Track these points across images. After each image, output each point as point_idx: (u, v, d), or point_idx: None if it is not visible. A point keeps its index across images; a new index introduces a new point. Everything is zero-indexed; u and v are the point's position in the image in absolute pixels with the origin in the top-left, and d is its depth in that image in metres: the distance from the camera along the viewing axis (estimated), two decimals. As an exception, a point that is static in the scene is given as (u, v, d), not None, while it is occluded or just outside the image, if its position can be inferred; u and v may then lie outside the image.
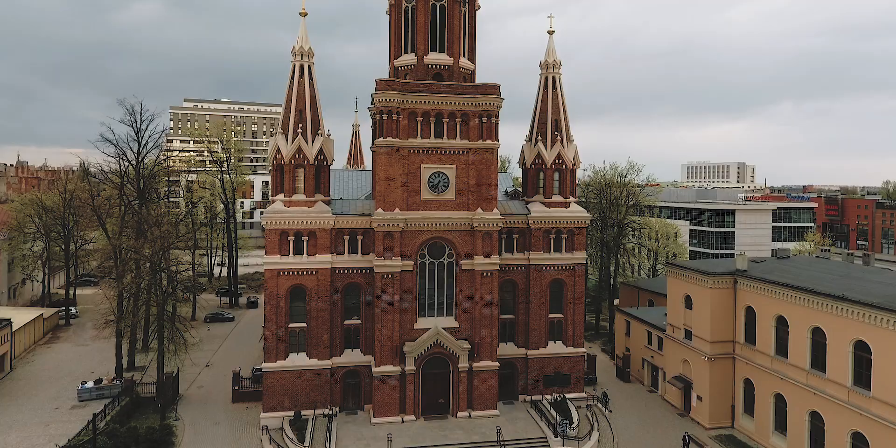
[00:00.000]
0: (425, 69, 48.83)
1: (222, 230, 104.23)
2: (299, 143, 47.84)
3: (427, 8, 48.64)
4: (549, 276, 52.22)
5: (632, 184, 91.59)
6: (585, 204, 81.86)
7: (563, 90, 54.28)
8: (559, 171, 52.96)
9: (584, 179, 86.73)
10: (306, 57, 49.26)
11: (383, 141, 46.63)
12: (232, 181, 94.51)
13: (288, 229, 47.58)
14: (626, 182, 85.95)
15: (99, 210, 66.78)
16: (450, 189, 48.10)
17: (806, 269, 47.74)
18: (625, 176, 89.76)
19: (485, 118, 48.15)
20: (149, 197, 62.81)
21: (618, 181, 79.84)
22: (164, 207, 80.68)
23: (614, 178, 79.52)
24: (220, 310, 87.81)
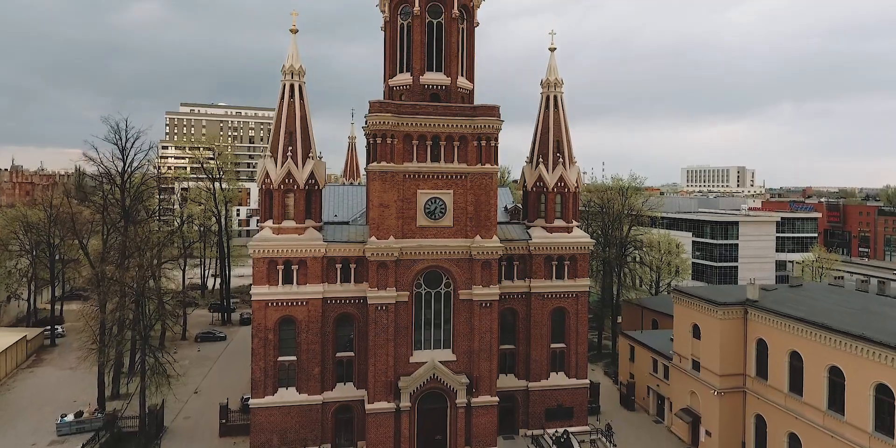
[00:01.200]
0: (421, 89, 46.59)
1: (215, 243, 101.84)
2: (289, 168, 45.61)
3: (423, 26, 46.41)
4: (550, 304, 50.02)
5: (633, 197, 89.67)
6: (586, 213, 79.82)
7: (566, 109, 52.14)
8: (561, 194, 50.78)
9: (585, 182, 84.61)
10: (297, 76, 47.08)
11: (377, 166, 44.38)
12: (224, 194, 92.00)
13: (277, 258, 45.36)
14: (627, 195, 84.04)
15: (80, 233, 64.38)
16: (447, 215, 45.84)
17: (820, 301, 45.53)
18: (626, 189, 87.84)
19: (483, 141, 45.91)
20: (134, 217, 60.30)
21: (620, 198, 77.59)
22: (155, 222, 78.52)
23: (616, 195, 77.20)
24: (211, 328, 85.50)
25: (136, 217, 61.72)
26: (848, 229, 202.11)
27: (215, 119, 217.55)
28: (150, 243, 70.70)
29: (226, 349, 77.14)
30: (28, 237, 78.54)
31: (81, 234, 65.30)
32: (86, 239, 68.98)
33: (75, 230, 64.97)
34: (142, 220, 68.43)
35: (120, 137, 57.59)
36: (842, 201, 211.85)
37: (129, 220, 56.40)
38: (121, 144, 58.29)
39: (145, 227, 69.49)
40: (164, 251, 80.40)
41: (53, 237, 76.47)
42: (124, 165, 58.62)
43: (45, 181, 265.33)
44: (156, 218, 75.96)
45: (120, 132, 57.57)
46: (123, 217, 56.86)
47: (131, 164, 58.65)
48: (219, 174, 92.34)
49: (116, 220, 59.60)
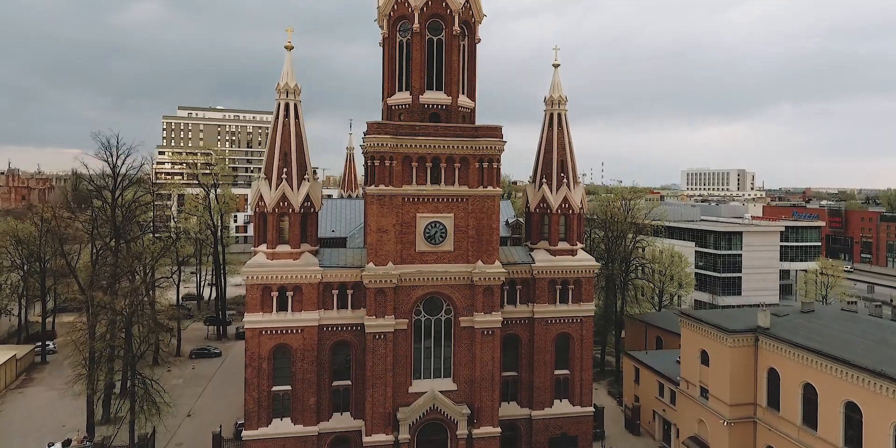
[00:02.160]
0: (421, 109, 44.99)
1: (211, 252, 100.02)
2: (283, 191, 44.00)
3: (423, 43, 44.81)
4: (554, 329, 48.41)
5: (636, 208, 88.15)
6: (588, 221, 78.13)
7: (570, 127, 50.56)
8: (565, 215, 49.16)
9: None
10: (292, 94, 45.48)
11: (375, 189, 42.78)
12: (220, 206, 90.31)
13: (271, 284, 43.73)
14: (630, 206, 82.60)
15: (70, 257, 62.67)
16: (447, 240, 44.23)
17: (835, 329, 43.91)
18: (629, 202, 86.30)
19: (486, 163, 44.33)
20: (126, 236, 58.61)
21: (622, 211, 76.01)
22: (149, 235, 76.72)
23: (618, 209, 75.61)
24: (206, 344, 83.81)
25: (127, 235, 59.99)
26: (850, 235, 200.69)
27: (213, 124, 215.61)
28: (143, 260, 69.31)
29: (221, 366, 75.50)
30: (19, 251, 76.85)
31: (71, 256, 63.51)
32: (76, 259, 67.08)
33: (64, 253, 63.05)
34: (134, 236, 66.90)
35: (111, 154, 55.95)
36: (843, 207, 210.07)
37: (119, 239, 54.58)
38: (111, 161, 56.64)
39: (138, 243, 68.04)
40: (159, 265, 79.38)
41: (45, 252, 74.77)
42: (115, 182, 56.92)
43: (41, 185, 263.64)
44: (150, 232, 73.96)
45: (111, 148, 55.94)
46: (114, 236, 55.10)
47: (122, 180, 56.95)
48: (214, 185, 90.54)
49: (107, 238, 57.89)
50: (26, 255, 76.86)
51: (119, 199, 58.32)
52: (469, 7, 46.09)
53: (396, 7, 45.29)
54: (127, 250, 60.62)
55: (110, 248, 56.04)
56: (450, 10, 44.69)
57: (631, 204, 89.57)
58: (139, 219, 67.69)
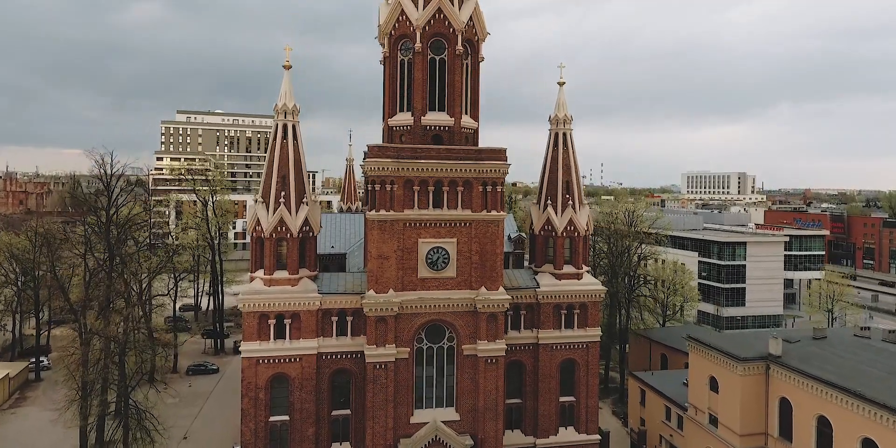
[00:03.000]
0: (423, 130, 43.72)
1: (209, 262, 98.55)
2: (281, 215, 42.74)
3: (425, 63, 43.54)
4: (559, 355, 47.14)
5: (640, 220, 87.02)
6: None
7: (575, 147, 49.34)
8: (570, 238, 47.91)
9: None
10: (290, 115, 44.24)
11: (376, 215, 41.52)
12: (218, 220, 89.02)
13: (268, 312, 42.48)
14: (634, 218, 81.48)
15: (61, 273, 61.27)
16: (450, 266, 42.99)
17: (848, 358, 42.66)
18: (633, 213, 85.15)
19: (489, 186, 43.09)
20: (120, 254, 57.30)
21: (626, 223, 74.77)
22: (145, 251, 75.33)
23: (623, 224, 74.35)
24: (203, 359, 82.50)
25: (122, 253, 58.68)
26: (852, 241, 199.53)
27: (211, 128, 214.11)
28: (139, 276, 67.98)
29: (218, 384, 74.21)
30: (13, 267, 75.55)
31: (64, 272, 62.19)
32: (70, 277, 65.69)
33: (56, 276, 61.73)
34: (130, 252, 65.63)
35: (105, 171, 54.69)
36: (846, 212, 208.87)
37: (113, 259, 53.23)
38: (105, 180, 55.37)
39: (134, 259, 66.76)
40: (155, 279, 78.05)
41: (38, 267, 73.44)
42: (109, 201, 55.63)
43: (39, 189, 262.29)
44: (145, 248, 72.58)
45: (105, 165, 54.71)
46: (109, 255, 53.75)
47: (115, 200, 55.67)
48: (212, 194, 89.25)
49: (101, 254, 56.51)
50: (21, 270, 75.57)
51: (114, 216, 57.00)
52: (472, 25, 44.86)
53: (398, 26, 44.06)
54: (122, 268, 59.36)
55: (104, 268, 54.64)
56: (453, 30, 43.44)
57: (634, 215, 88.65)
58: (135, 234, 66.37)
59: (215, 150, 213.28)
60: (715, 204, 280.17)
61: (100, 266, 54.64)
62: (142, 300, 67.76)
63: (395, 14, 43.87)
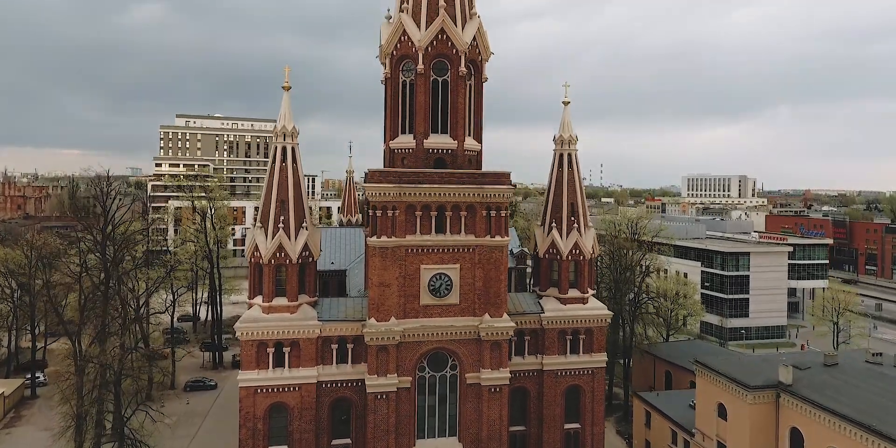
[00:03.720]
0: (425, 154, 42.71)
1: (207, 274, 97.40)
2: (280, 241, 41.75)
3: (427, 85, 42.55)
4: (564, 381, 46.13)
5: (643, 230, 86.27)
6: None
7: (580, 167, 48.37)
8: (576, 262, 46.92)
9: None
10: (290, 138, 43.26)
11: (377, 241, 40.53)
12: (217, 232, 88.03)
13: (267, 340, 41.53)
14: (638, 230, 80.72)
15: (56, 298, 60.20)
16: (453, 292, 42.01)
17: (862, 388, 41.61)
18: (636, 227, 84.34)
19: (493, 211, 42.11)
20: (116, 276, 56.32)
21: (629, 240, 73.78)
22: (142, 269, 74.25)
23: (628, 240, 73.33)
24: (201, 375, 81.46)
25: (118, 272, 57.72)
26: (854, 246, 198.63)
27: (210, 133, 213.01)
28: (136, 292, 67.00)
29: (216, 401, 73.17)
30: (8, 282, 74.52)
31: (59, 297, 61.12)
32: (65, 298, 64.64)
33: (50, 298, 60.65)
34: (128, 269, 64.70)
35: (102, 190, 53.74)
36: (847, 218, 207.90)
37: (109, 280, 52.21)
38: (101, 198, 54.42)
39: (131, 276, 65.82)
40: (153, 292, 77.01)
41: (34, 282, 72.36)
42: (105, 220, 54.65)
43: (37, 193, 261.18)
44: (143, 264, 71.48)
45: (101, 183, 53.76)
46: (104, 278, 52.73)
47: (111, 219, 54.68)
48: (211, 210, 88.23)
49: (97, 278, 55.52)
50: (17, 285, 74.55)
51: (111, 234, 56.04)
52: (476, 45, 43.88)
53: (399, 46, 43.08)
54: (119, 287, 58.44)
55: (100, 289, 53.64)
56: (456, 50, 42.45)
57: (637, 226, 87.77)
58: (133, 250, 65.39)
59: (214, 154, 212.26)
60: (716, 208, 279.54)
61: (95, 287, 53.61)
62: (139, 317, 66.85)
63: (396, 34, 42.90)
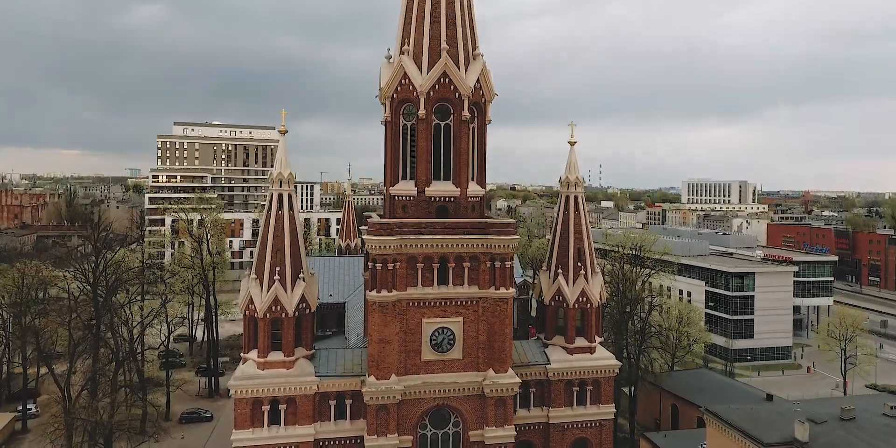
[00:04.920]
0: (427, 202, 41.07)
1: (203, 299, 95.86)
2: (276, 293, 40.09)
3: (429, 130, 40.92)
4: (571, 435, 44.44)
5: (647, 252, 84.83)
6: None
7: (586, 210, 46.74)
8: (583, 310, 45.28)
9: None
10: (286, 184, 41.61)
11: (377, 296, 38.85)
12: (213, 259, 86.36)
13: (262, 397, 39.79)
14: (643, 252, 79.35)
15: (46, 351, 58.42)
16: (456, 347, 40.38)
17: (881, 445, 40.08)
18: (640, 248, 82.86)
19: (498, 263, 40.45)
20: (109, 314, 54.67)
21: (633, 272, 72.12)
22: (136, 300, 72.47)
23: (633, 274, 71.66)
24: (197, 404, 79.77)
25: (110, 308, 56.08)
26: (857, 257, 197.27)
27: (208, 142, 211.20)
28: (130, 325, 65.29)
29: (212, 434, 71.45)
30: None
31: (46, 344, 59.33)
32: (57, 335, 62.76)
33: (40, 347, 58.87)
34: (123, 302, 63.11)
35: (94, 232, 52.08)
36: (850, 228, 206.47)
37: (100, 327, 50.55)
38: (92, 237, 52.75)
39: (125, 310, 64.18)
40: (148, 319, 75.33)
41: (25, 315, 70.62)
42: (97, 260, 52.98)
43: (34, 201, 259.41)
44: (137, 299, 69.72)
45: (94, 225, 52.06)
46: (95, 322, 51.02)
47: (104, 259, 53.03)
48: (206, 237, 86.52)
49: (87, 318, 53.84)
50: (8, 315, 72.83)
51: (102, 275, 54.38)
52: (479, 87, 42.23)
53: (400, 89, 41.42)
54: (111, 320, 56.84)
55: (91, 331, 51.95)
56: (459, 94, 40.81)
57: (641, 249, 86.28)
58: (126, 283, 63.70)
59: (212, 164, 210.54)
60: (717, 215, 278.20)
61: (87, 327, 51.96)
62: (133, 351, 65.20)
63: (397, 77, 41.24)
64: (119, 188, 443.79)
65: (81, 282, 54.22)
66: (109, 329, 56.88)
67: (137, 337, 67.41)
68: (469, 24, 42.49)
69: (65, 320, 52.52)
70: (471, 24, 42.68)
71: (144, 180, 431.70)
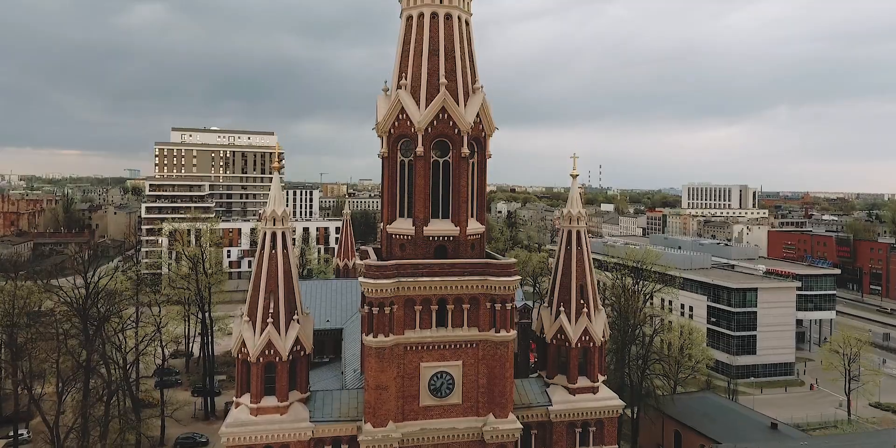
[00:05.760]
0: (425, 242, 39.87)
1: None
2: (269, 337, 38.85)
3: (427, 168, 39.72)
4: (573, 478, 43.32)
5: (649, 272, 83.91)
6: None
7: (589, 246, 45.56)
8: (585, 348, 44.08)
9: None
10: (280, 222, 40.37)
11: (374, 341, 37.65)
12: (209, 280, 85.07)
13: (255, 444, 38.58)
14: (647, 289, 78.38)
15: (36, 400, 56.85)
16: (455, 391, 39.18)
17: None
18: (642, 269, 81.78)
19: (498, 304, 39.26)
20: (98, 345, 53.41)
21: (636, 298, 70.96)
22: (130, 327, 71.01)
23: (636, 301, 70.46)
24: (193, 427, 78.41)
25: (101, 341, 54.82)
26: (859, 265, 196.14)
27: (206, 149, 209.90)
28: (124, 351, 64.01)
29: (207, 461, 70.29)
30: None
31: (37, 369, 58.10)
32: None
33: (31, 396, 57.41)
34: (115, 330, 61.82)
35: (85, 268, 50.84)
36: (851, 237, 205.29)
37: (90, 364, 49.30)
38: (83, 273, 51.55)
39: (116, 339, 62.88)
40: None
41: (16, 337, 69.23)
42: (87, 293, 51.74)
43: (31, 207, 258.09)
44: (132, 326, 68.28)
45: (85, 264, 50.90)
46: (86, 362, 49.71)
47: (96, 292, 51.79)
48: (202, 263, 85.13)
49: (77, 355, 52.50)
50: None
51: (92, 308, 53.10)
52: (479, 121, 41.05)
53: (397, 124, 40.23)
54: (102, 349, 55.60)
55: (81, 365, 50.73)
56: (458, 130, 39.64)
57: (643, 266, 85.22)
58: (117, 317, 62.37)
59: (210, 171, 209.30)
60: (717, 221, 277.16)
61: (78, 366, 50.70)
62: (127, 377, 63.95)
63: (394, 112, 40.04)
64: (118, 191, 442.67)
65: (70, 314, 52.87)
66: (102, 358, 55.63)
67: (132, 364, 66.18)
68: (468, 57, 41.32)
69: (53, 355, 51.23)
70: (470, 56, 41.51)
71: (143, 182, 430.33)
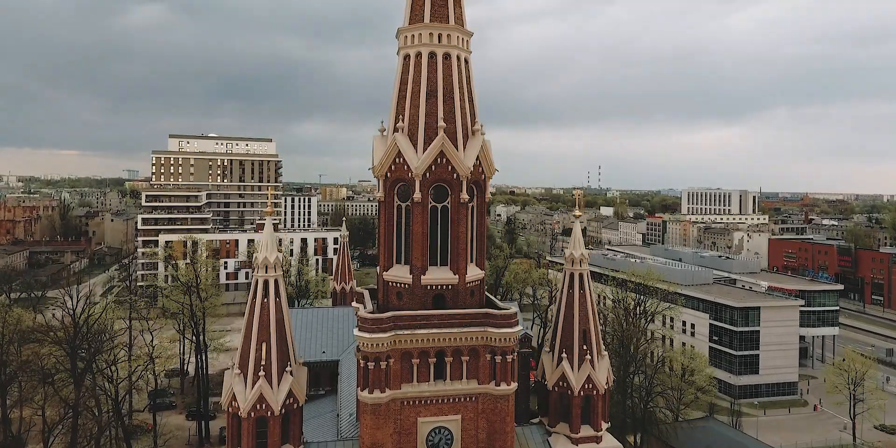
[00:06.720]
0: (423, 291, 38.44)
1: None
2: (261, 390, 37.38)
3: (425, 214, 38.29)
4: (576, 530, 41.95)
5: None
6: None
7: (592, 289, 44.20)
8: (588, 396, 42.71)
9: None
10: (272, 269, 38.94)
11: (369, 397, 36.22)
12: (204, 305, 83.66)
13: (246, 503, 37.19)
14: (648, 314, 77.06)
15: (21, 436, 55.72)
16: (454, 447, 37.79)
17: None
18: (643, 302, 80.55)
19: (498, 356, 37.87)
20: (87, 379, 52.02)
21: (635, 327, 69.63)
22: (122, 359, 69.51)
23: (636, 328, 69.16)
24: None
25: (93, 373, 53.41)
26: (860, 275, 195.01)
27: (204, 158, 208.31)
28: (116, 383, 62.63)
29: (201, 492, 68.84)
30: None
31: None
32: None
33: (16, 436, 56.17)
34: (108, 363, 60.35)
35: (73, 302, 49.45)
36: (853, 246, 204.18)
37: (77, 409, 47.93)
38: (71, 305, 50.13)
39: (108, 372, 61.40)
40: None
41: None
42: (76, 329, 50.33)
43: (27, 214, 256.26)
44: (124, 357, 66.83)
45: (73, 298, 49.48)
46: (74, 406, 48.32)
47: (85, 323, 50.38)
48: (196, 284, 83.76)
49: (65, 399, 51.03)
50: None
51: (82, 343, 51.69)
52: (479, 164, 39.65)
53: (394, 168, 38.83)
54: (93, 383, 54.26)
55: (70, 404, 49.31)
56: (457, 175, 38.23)
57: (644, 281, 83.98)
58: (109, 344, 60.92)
59: (208, 179, 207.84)
60: (718, 227, 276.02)
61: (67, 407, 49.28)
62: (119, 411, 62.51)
63: (391, 156, 38.64)
64: (116, 195, 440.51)
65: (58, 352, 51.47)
66: (92, 394, 54.27)
67: (124, 395, 64.80)
68: (468, 98, 39.92)
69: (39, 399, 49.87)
70: (469, 96, 40.12)
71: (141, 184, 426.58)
